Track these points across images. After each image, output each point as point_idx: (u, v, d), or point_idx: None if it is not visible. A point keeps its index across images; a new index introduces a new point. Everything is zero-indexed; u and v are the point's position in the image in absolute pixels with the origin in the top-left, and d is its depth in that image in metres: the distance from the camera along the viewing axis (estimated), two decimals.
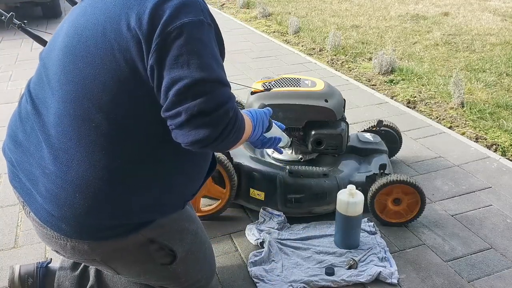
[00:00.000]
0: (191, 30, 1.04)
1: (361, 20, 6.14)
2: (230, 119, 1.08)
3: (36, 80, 1.24)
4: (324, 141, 1.99)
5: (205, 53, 1.06)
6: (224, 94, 1.08)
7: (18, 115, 1.26)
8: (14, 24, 2.05)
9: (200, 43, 1.06)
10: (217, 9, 7.10)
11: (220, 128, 1.06)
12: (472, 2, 7.26)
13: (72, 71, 1.11)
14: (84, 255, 1.23)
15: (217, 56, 1.11)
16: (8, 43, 5.14)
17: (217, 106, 1.05)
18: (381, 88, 3.83)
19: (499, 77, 4.02)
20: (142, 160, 1.15)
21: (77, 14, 1.19)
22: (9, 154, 1.26)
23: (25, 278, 1.50)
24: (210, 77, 1.05)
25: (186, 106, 1.03)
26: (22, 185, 1.23)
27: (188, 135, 1.05)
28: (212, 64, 1.07)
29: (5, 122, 3.13)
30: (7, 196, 2.27)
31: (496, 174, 2.45)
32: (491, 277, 1.74)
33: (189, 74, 1.03)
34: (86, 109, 1.10)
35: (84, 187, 1.12)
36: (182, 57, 1.03)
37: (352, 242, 1.85)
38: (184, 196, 1.32)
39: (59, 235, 1.18)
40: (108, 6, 1.11)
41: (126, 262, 1.30)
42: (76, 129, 1.11)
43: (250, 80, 3.82)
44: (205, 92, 1.04)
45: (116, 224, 1.19)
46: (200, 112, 1.03)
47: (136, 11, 1.05)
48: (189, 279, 1.42)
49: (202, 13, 1.08)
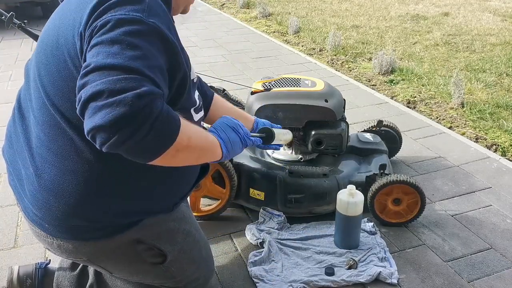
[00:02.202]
0: (119, 24, 0.96)
1: (361, 20, 6.14)
2: (144, 107, 0.89)
3: (24, 86, 1.26)
4: (324, 141, 1.99)
5: (127, 45, 0.94)
6: (136, 80, 0.91)
7: (12, 118, 1.29)
8: (14, 24, 2.06)
9: (127, 36, 0.95)
10: (217, 9, 7.11)
11: (126, 114, 0.87)
12: (472, 2, 7.26)
13: (39, 78, 1.13)
14: (71, 254, 1.24)
15: (145, 54, 0.96)
16: (8, 43, 5.14)
17: (125, 89, 0.89)
18: (381, 88, 3.83)
19: (499, 77, 4.01)
20: (112, 164, 1.12)
21: (50, 18, 1.21)
22: (6, 154, 1.30)
23: (24, 279, 1.50)
24: (121, 64, 0.91)
25: (87, 87, 0.90)
26: (15, 184, 1.26)
27: (86, 122, 0.90)
28: (130, 55, 0.93)
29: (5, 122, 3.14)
30: (7, 196, 2.27)
31: (496, 174, 2.45)
32: (491, 277, 1.74)
33: (98, 60, 0.92)
34: (52, 115, 1.10)
35: (56, 191, 1.12)
36: (98, 46, 0.95)
37: (352, 242, 1.85)
38: (170, 199, 1.30)
39: (46, 234, 1.20)
40: (65, 11, 1.12)
41: (114, 262, 1.29)
42: (46, 135, 1.12)
43: (250, 80, 3.82)
44: (111, 75, 0.90)
45: (98, 227, 1.18)
46: (101, 92, 0.88)
47: (81, 14, 1.04)
48: (185, 278, 1.41)
49: (145, 13, 0.99)
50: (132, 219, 1.22)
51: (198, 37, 5.33)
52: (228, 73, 4.05)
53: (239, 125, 1.26)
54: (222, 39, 5.25)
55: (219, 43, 5.06)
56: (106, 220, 1.18)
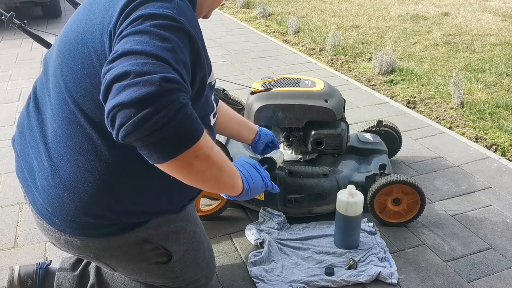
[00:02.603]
0: (149, 18, 0.96)
1: (361, 20, 6.14)
2: (171, 91, 0.86)
3: (41, 79, 1.26)
4: (324, 141, 1.99)
5: (156, 35, 0.93)
6: (164, 67, 0.89)
7: (26, 110, 1.28)
8: (14, 24, 2.06)
9: (157, 28, 0.95)
10: (217, 9, 7.09)
11: (153, 93, 0.84)
12: (472, 2, 7.26)
13: (60, 74, 1.12)
14: (78, 250, 1.24)
15: (174, 47, 0.94)
16: (8, 43, 5.14)
17: (152, 72, 0.86)
18: (381, 88, 3.83)
19: (499, 77, 4.02)
20: (128, 165, 1.13)
21: (75, 13, 1.20)
22: (16, 145, 1.30)
23: (25, 279, 1.50)
24: (150, 51, 0.90)
25: (112, 70, 0.88)
26: (24, 176, 1.26)
27: (108, 103, 0.87)
28: (159, 45, 0.92)
29: (5, 122, 3.14)
30: (7, 196, 2.27)
31: (496, 174, 2.45)
32: (490, 277, 1.74)
33: (126, 47, 0.91)
34: (72, 112, 1.10)
35: (71, 188, 1.13)
36: (127, 36, 0.94)
37: (352, 242, 1.85)
38: (180, 201, 1.30)
39: (54, 229, 1.20)
40: (92, 7, 1.11)
41: (120, 259, 1.30)
42: (64, 131, 1.12)
43: (250, 80, 3.82)
44: (139, 59, 0.89)
45: (107, 224, 1.19)
46: (127, 72, 0.86)
47: (110, 12, 1.03)
48: (187, 278, 1.41)
49: (175, 10, 1.00)
50: (140, 219, 1.22)
51: None
52: (228, 73, 4.05)
53: (260, 165, 1.26)
54: (222, 39, 5.25)
55: (219, 43, 5.06)
56: (116, 218, 1.19)
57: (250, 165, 1.24)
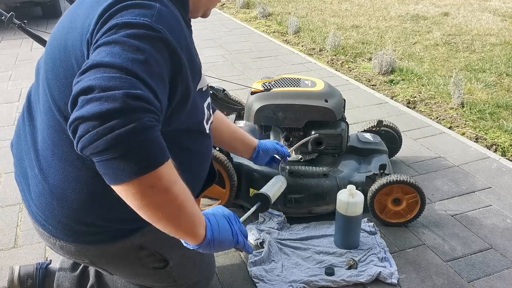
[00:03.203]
0: (124, 27, 0.93)
1: (361, 20, 6.14)
2: (135, 109, 0.84)
3: (34, 83, 1.26)
4: (324, 141, 1.99)
5: (129, 46, 0.90)
6: (132, 82, 0.86)
7: (22, 115, 1.28)
8: (14, 24, 2.06)
9: (130, 38, 0.91)
10: (217, 9, 7.10)
11: (115, 109, 0.82)
12: (472, 2, 7.26)
13: (46, 81, 1.11)
14: (73, 256, 1.24)
15: (147, 59, 0.91)
16: (8, 43, 5.14)
17: (117, 87, 0.84)
18: (381, 88, 3.83)
19: (499, 77, 4.02)
20: None
21: (61, 18, 1.18)
22: (14, 149, 1.30)
23: (25, 279, 1.50)
24: (119, 64, 0.87)
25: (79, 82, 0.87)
26: (20, 181, 1.26)
27: (71, 115, 0.86)
28: (131, 57, 0.89)
29: (5, 122, 3.14)
30: (7, 196, 2.27)
31: (496, 174, 2.45)
32: (491, 277, 1.74)
33: (96, 58, 0.89)
34: (57, 120, 1.08)
35: (59, 196, 1.11)
36: (100, 47, 0.92)
37: (352, 242, 1.85)
38: None
39: (48, 235, 1.20)
40: (74, 14, 1.10)
41: (116, 265, 1.29)
42: (51, 139, 1.10)
43: (250, 80, 3.82)
44: (106, 72, 0.86)
45: (100, 231, 1.18)
46: (91, 87, 0.85)
47: (89, 20, 1.01)
48: (187, 281, 1.41)
49: (153, 18, 0.96)
50: (134, 226, 1.21)
51: (198, 37, 5.32)
52: (228, 73, 4.05)
53: (234, 218, 1.14)
54: (222, 39, 5.25)
55: (219, 43, 5.06)
56: (109, 226, 1.17)
57: (222, 216, 1.12)
